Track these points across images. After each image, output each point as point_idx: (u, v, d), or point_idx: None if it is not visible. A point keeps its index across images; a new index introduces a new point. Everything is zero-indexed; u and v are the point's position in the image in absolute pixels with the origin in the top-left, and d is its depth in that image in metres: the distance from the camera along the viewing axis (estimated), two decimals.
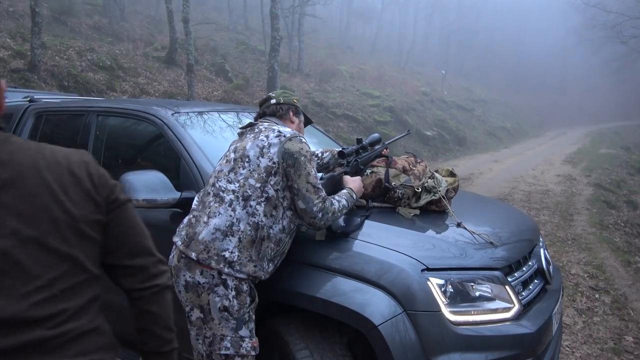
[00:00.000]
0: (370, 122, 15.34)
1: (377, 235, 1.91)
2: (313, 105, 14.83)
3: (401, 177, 2.17)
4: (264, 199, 1.80)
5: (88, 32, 14.29)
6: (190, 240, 1.80)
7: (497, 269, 1.88)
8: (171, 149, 2.41)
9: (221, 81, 14.07)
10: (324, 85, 17.64)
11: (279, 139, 1.85)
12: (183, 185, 2.24)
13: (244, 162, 1.84)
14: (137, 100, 3.70)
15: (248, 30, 23.10)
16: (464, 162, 14.63)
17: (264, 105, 2.12)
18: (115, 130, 2.96)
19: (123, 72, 11.45)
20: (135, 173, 2.12)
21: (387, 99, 18.17)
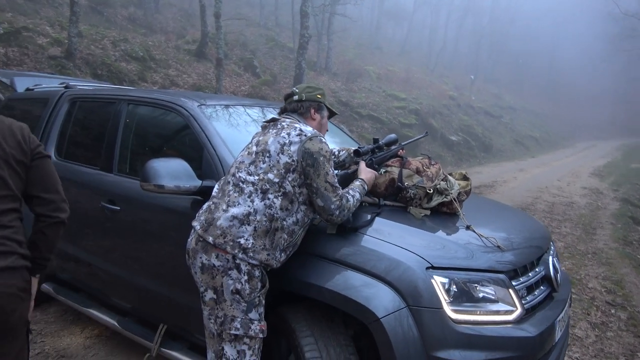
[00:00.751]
0: (395, 124, 15.32)
1: (386, 232, 1.98)
2: (338, 104, 14.89)
3: (414, 177, 2.23)
4: (281, 193, 1.89)
5: (123, 22, 14.68)
6: (208, 225, 1.91)
7: (502, 272, 1.92)
8: (195, 139, 2.53)
9: (249, 76, 14.28)
10: (351, 85, 17.67)
11: (299, 137, 1.93)
12: (205, 174, 2.35)
13: (265, 157, 1.93)
14: (165, 91, 3.84)
15: (278, 26, 23.30)
16: (488, 169, 14.47)
17: (287, 101, 2.19)
18: (144, 119, 3.10)
19: (154, 63, 11.75)
20: (160, 160, 2.24)
21: (414, 102, 18.09)
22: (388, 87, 19.68)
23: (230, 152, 2.41)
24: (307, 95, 2.16)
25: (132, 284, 2.75)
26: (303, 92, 2.16)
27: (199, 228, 1.94)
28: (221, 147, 2.42)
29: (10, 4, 11.48)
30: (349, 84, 17.75)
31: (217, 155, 2.37)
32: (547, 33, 42.12)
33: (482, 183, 11.11)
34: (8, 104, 4.00)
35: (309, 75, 16.12)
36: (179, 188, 2.22)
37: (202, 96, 3.20)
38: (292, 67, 15.53)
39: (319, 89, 2.22)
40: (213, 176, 2.32)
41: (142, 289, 2.69)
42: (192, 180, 2.24)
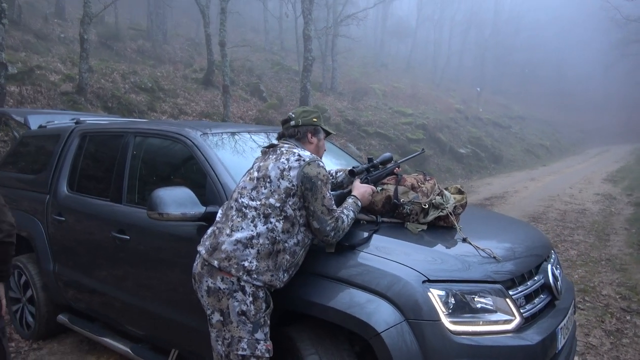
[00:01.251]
0: (402, 140, 15.39)
1: (384, 248, 2.03)
2: (345, 124, 15.04)
3: (410, 194, 2.30)
4: (282, 217, 1.97)
5: (132, 55, 15.12)
6: (213, 250, 1.99)
7: (498, 282, 1.96)
8: (199, 167, 2.63)
9: (256, 101, 14.53)
10: (357, 104, 17.85)
11: (298, 162, 2.01)
12: (208, 201, 2.44)
13: (266, 182, 2.02)
14: (171, 122, 3.97)
15: (283, 50, 23.74)
16: (499, 180, 14.41)
17: (284, 126, 2.27)
18: (151, 150, 3.22)
19: (163, 93, 12.05)
20: (165, 189, 2.34)
21: (420, 117, 18.18)
22: (394, 104, 19.82)
23: (232, 178, 2.49)
24: (303, 120, 2.23)
25: (144, 311, 2.83)
26: (299, 117, 2.23)
27: (204, 253, 2.03)
28: (224, 174, 2.52)
29: (23, 44, 11.94)
30: (355, 102, 17.93)
31: (219, 182, 2.47)
32: (552, 42, 42.17)
33: (493, 194, 11.07)
34: (23, 140, 4.17)
35: (315, 96, 16.35)
36: (184, 215, 2.31)
37: (206, 125, 3.31)
38: (298, 90, 15.78)
39: (314, 112, 2.27)
40: (216, 202, 2.40)
41: (153, 315, 2.76)
42: (196, 207, 2.33)
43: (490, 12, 38.26)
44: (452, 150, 16.75)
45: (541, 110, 34.92)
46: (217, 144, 2.87)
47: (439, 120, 18.80)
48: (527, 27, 41.20)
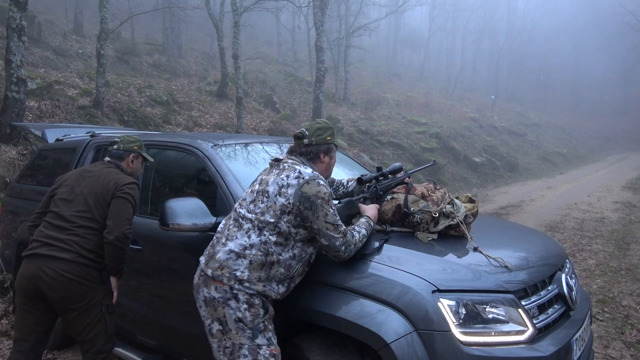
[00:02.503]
0: (416, 149, 15.34)
1: (394, 257, 2.02)
2: (358, 133, 15.05)
3: (420, 202, 2.29)
4: (276, 232, 2.00)
5: (148, 69, 15.41)
6: (209, 259, 2.04)
7: (510, 292, 1.93)
8: (211, 178, 2.66)
9: (269, 112, 14.65)
10: (370, 114, 17.87)
11: (297, 180, 2.01)
12: (219, 211, 2.47)
13: (264, 197, 2.04)
14: (183, 134, 4.02)
15: (296, 62, 23.95)
16: (515, 188, 14.23)
17: (296, 142, 2.22)
18: (164, 162, 3.27)
19: (178, 106, 12.23)
20: (177, 200, 2.38)
21: (434, 126, 18.11)
22: (408, 113, 19.79)
23: (243, 189, 2.52)
24: (317, 139, 2.17)
25: (156, 321, 2.85)
26: (313, 136, 2.17)
27: (202, 262, 2.07)
28: (234, 185, 2.54)
29: (43, 60, 12.26)
30: (368, 112, 17.96)
31: (230, 193, 2.49)
32: (567, 47, 41.79)
33: (509, 203, 10.94)
34: (41, 154, 4.27)
35: (328, 107, 16.42)
36: (195, 225, 2.34)
37: (218, 137, 3.36)
38: (310, 100, 15.87)
39: (328, 129, 2.21)
40: (226, 212, 2.42)
41: (166, 326, 2.78)
42: (206, 218, 2.36)
43: (503, 20, 38.15)
44: (466, 159, 16.62)
45: (557, 117, 34.51)
46: (228, 155, 2.90)
47: (453, 129, 18.70)
48: (541, 34, 40.91)
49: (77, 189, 2.63)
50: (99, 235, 2.52)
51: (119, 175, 2.68)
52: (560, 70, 41.30)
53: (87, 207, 2.55)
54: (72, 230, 2.49)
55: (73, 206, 2.56)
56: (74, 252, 2.45)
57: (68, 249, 2.45)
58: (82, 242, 2.48)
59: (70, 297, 2.43)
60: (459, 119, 21.40)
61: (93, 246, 2.50)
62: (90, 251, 2.49)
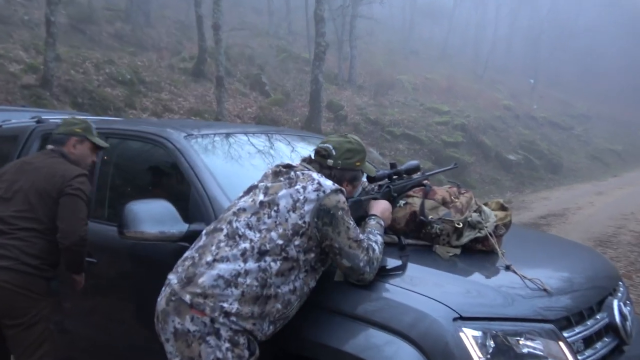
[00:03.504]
0: (436, 143, 15.37)
1: (407, 277, 2.02)
2: (366, 124, 15.09)
3: (440, 209, 2.28)
4: (281, 257, 1.95)
5: (108, 41, 15.39)
6: (187, 281, 1.95)
7: (550, 321, 1.93)
8: (183, 176, 2.65)
9: (256, 96, 14.67)
10: (381, 99, 17.90)
11: (317, 194, 1.99)
12: (192, 217, 2.46)
13: (272, 210, 2.00)
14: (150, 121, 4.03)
15: (291, 34, 23.97)
16: (558, 193, 14.28)
17: (317, 157, 2.22)
18: (125, 155, 3.26)
19: (144, 86, 12.23)
20: (140, 202, 2.37)
21: (459, 115, 18.15)
22: (427, 100, 19.83)
23: (223, 191, 2.51)
24: (344, 162, 2.19)
25: (113, 350, 2.84)
26: (340, 158, 2.18)
27: (175, 282, 1.98)
28: (212, 185, 2.54)
29: None
30: (378, 98, 17.99)
31: (206, 195, 2.49)
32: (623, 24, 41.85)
33: (549, 212, 10.97)
34: None
35: (328, 91, 16.44)
36: (163, 234, 2.33)
37: (193, 125, 3.35)
38: (308, 82, 15.89)
39: (359, 153, 2.23)
40: (202, 219, 2.42)
41: (125, 357, 2.77)
42: (177, 225, 2.35)
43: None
44: (498, 157, 16.66)
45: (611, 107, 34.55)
46: (205, 148, 2.90)
47: (483, 119, 18.74)
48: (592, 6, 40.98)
49: (16, 184, 2.63)
50: (44, 238, 2.55)
51: (65, 167, 2.69)
52: (614, 51, 41.35)
53: (28, 205, 2.57)
54: (12, 234, 2.51)
55: (12, 205, 2.57)
56: (14, 258, 2.47)
57: (7, 255, 2.46)
58: (24, 247, 2.50)
59: (11, 311, 2.44)
60: (490, 107, 21.45)
61: (38, 251, 2.53)
62: (35, 257, 2.52)
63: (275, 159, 3.10)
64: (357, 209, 2.31)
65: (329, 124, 14.31)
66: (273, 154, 3.20)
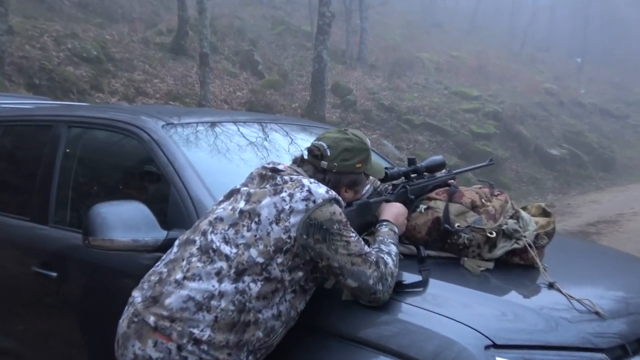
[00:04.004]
0: (464, 134, 15.36)
1: (429, 296, 2.02)
2: (379, 110, 15.08)
3: (468, 215, 2.28)
4: (263, 278, 1.94)
5: (71, 11, 15.41)
6: (153, 301, 1.95)
7: (602, 350, 1.93)
8: (161, 173, 2.66)
9: (248, 76, 14.68)
10: (397, 82, 17.89)
11: (305, 204, 1.97)
12: (171, 222, 2.47)
13: (252, 222, 1.98)
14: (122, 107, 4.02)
15: (289, 4, 23.98)
16: (610, 196, 14.27)
17: (310, 156, 2.21)
18: (92, 148, 3.26)
19: (114, 65, 12.24)
20: (109, 204, 2.36)
21: (491, 101, 18.13)
22: (453, 82, 19.81)
23: (209, 191, 2.52)
24: (341, 164, 2.17)
25: None
26: (336, 159, 2.17)
27: (139, 301, 1.99)
28: (195, 184, 2.54)
29: None
30: (394, 80, 17.98)
31: (189, 196, 2.49)
32: None
33: (600, 217, 10.96)
34: None
35: (334, 71, 16.44)
36: (136, 242, 2.33)
37: (173, 112, 3.35)
38: (309, 61, 15.88)
39: (361, 152, 2.22)
40: (183, 224, 2.41)
41: None
42: (153, 231, 2.35)
43: None
44: (539, 151, 16.64)
45: None
46: (187, 139, 2.91)
47: (520, 106, 18.71)
48: None
49: None
50: None
51: None
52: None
53: None
54: None
55: None
56: None
57: None
58: None
59: None
60: (529, 91, 21.41)
61: None
62: None
63: (271, 153, 3.11)
64: (364, 213, 2.30)
65: (334, 111, 14.32)
66: (268, 147, 3.20)
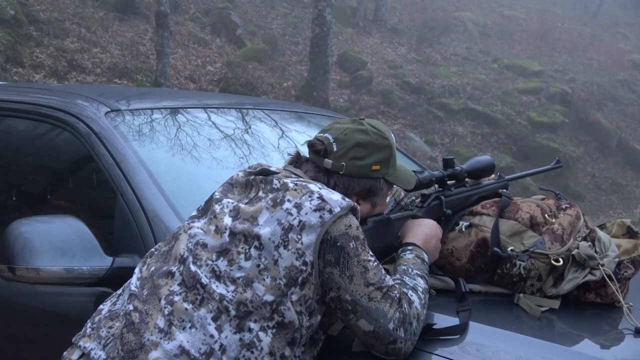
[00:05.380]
0: (519, 125, 15.36)
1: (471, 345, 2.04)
2: (402, 91, 15.09)
3: (526, 236, 2.30)
4: (274, 324, 1.94)
5: None
6: (129, 357, 1.92)
7: None
8: (103, 177, 2.68)
9: (222, 44, 14.68)
10: (428, 52, 17.90)
11: (320, 215, 1.97)
12: (119, 245, 2.49)
13: (251, 247, 1.97)
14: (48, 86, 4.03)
15: None
16: None
17: (311, 155, 2.24)
18: (10, 142, 3.29)
19: (37, 28, 12.25)
20: (34, 221, 2.39)
21: (558, 79, 18.14)
22: (505, 52, 19.82)
23: (168, 202, 2.55)
24: (350, 165, 2.18)
25: None
26: (344, 158, 2.18)
27: (103, 358, 1.98)
28: (151, 192, 2.57)
29: None
30: (423, 49, 17.99)
31: (142, 209, 2.51)
32: None
33: None
34: None
35: (342, 37, 16.46)
36: (71, 272, 2.34)
37: (118, 94, 3.38)
38: (307, 23, 15.90)
39: (381, 149, 2.23)
40: (135, 248, 2.44)
41: None
42: (94, 257, 2.37)
43: None
44: (623, 147, 16.63)
45: None
46: (139, 132, 2.93)
47: (597, 85, 18.71)
48: None
49: None
50: None
51: None
52: None
53: None
54: None
55: None
56: None
57: None
58: None
59: None
60: (610, 65, 21.39)
61: None
62: None
63: (254, 151, 3.13)
64: (383, 234, 2.31)
65: (341, 92, 14.34)
66: (250, 142, 3.23)
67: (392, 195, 2.57)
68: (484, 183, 2.57)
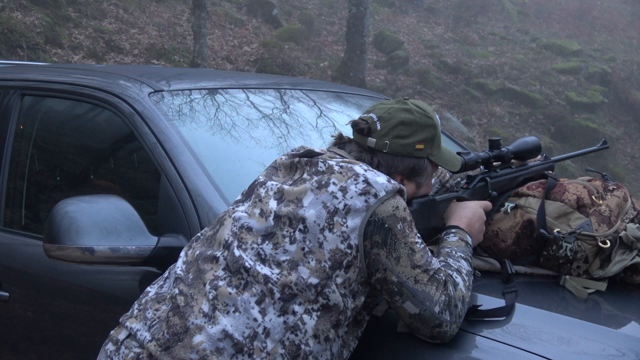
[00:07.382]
0: (558, 104, 15.22)
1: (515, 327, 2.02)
2: (439, 71, 15.01)
3: (573, 217, 2.29)
4: (319, 306, 1.95)
5: None
6: (174, 339, 1.96)
7: None
8: (146, 157, 2.70)
9: (259, 25, 14.67)
10: (464, 32, 17.77)
11: (365, 199, 1.98)
12: (164, 225, 2.51)
13: (295, 230, 1.98)
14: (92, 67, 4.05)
15: None
16: None
17: (355, 135, 2.24)
18: (53, 123, 3.32)
19: (75, 10, 12.32)
20: (79, 201, 2.41)
21: (598, 58, 17.92)
22: (543, 32, 19.61)
23: (212, 182, 2.56)
24: (394, 143, 2.18)
25: None
26: (387, 136, 2.18)
27: (148, 339, 2.00)
28: (195, 172, 2.58)
29: None
30: (460, 28, 17.86)
31: (186, 189, 2.52)
32: None
33: None
34: None
35: (379, 16, 16.38)
36: (117, 252, 2.35)
37: (159, 75, 3.40)
38: (343, 3, 15.84)
39: (425, 128, 2.22)
40: (180, 228, 2.46)
41: None
42: (139, 237, 2.38)
43: None
44: None
45: None
46: (180, 112, 2.94)
47: (638, 64, 18.45)
48: None
49: None
50: None
51: None
52: None
53: None
54: None
55: None
56: None
57: None
58: None
59: None
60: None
61: None
62: None
63: (293, 130, 3.12)
64: (428, 215, 2.30)
65: (377, 72, 14.28)
66: (289, 122, 3.22)
67: (437, 176, 2.56)
68: (529, 164, 2.56)
